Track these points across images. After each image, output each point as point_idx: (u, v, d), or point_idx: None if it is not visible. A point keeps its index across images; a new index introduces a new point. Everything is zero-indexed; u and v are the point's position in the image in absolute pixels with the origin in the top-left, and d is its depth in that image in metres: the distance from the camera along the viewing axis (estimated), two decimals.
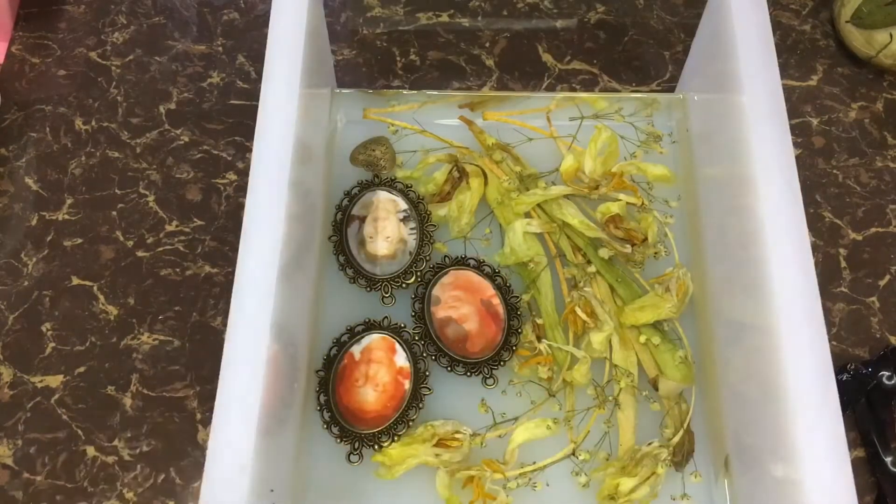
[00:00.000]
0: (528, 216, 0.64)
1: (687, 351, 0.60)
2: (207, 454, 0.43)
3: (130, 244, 0.67)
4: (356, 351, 0.59)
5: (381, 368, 0.59)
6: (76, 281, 0.65)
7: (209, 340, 0.63)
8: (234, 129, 0.72)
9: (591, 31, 0.77)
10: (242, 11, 0.77)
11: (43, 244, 0.67)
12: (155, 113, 0.72)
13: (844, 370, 0.62)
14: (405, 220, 0.64)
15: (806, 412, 0.44)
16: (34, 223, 0.67)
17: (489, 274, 0.62)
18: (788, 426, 0.45)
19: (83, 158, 0.70)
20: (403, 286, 0.62)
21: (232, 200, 0.69)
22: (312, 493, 0.56)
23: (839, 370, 0.62)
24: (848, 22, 0.73)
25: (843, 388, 0.57)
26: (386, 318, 0.61)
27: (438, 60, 0.75)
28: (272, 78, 0.52)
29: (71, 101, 0.73)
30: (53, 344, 0.63)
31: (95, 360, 0.63)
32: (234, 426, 0.44)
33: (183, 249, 0.67)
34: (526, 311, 0.62)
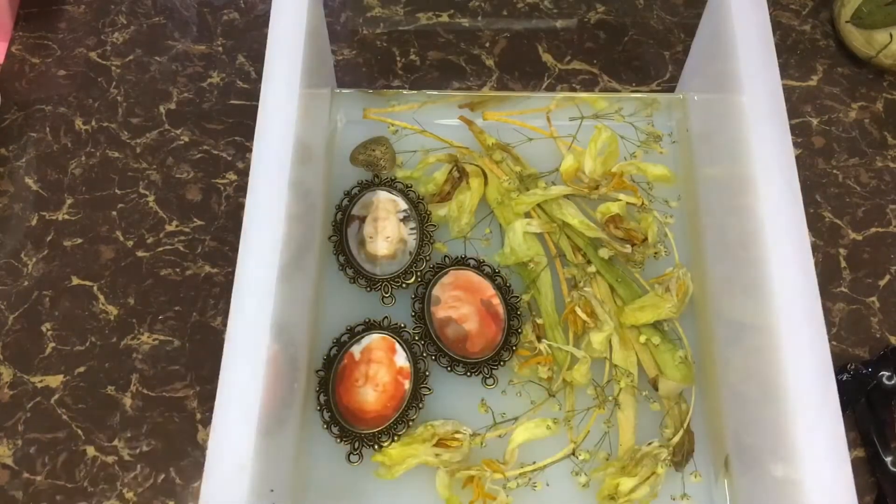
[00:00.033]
0: (528, 216, 0.64)
1: (687, 351, 0.60)
2: (207, 454, 0.43)
3: (130, 244, 0.67)
4: (356, 351, 0.59)
5: (381, 368, 0.59)
6: (76, 281, 0.65)
7: (209, 340, 0.63)
8: (234, 129, 0.72)
9: (591, 31, 0.77)
10: (242, 11, 0.77)
11: (43, 244, 0.67)
12: (155, 113, 0.72)
13: (844, 370, 0.62)
14: (405, 220, 0.64)
15: (806, 412, 0.44)
16: (34, 223, 0.67)
17: (489, 274, 0.62)
18: (788, 426, 0.45)
19: (83, 158, 0.70)
20: (403, 286, 0.62)
21: (232, 200, 0.69)
22: (312, 493, 0.56)
23: (839, 370, 0.62)
24: (848, 22, 0.73)
25: (843, 388, 0.57)
26: (386, 318, 0.61)
27: (438, 60, 0.75)
28: (272, 78, 0.52)
29: (71, 101, 0.73)
30: (53, 344, 0.63)
31: (95, 360, 0.63)
32: (234, 426, 0.44)
33: (183, 249, 0.67)
34: (526, 311, 0.62)
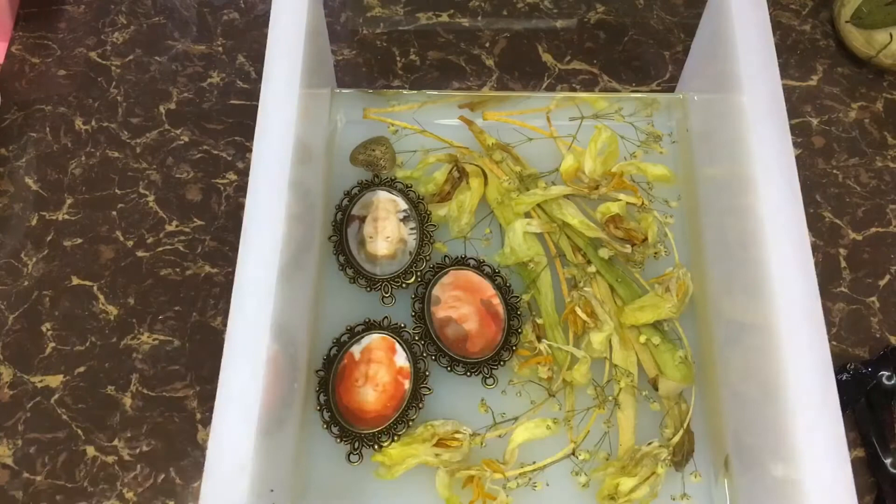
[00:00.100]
0: (528, 216, 0.64)
1: (687, 351, 0.60)
2: (207, 454, 0.43)
3: (130, 244, 0.67)
4: (356, 351, 0.59)
5: (381, 368, 0.59)
6: (76, 281, 0.65)
7: (209, 340, 0.63)
8: (234, 129, 0.72)
9: (591, 31, 0.77)
10: (242, 11, 0.77)
11: (43, 244, 0.67)
12: (155, 113, 0.72)
13: (844, 370, 0.62)
14: (405, 220, 0.64)
15: (806, 412, 0.44)
16: (34, 223, 0.67)
17: (489, 274, 0.62)
18: (788, 426, 0.45)
19: (83, 158, 0.70)
20: (403, 286, 0.62)
21: (232, 200, 0.69)
22: (312, 493, 0.56)
23: (839, 370, 0.62)
24: (848, 22, 0.73)
25: (843, 388, 0.57)
26: (386, 318, 0.61)
27: (438, 60, 0.75)
28: (272, 78, 0.52)
29: (71, 101, 0.73)
30: (53, 344, 0.63)
31: (95, 360, 0.63)
32: (234, 426, 0.44)
33: (183, 249, 0.67)
34: (526, 311, 0.62)
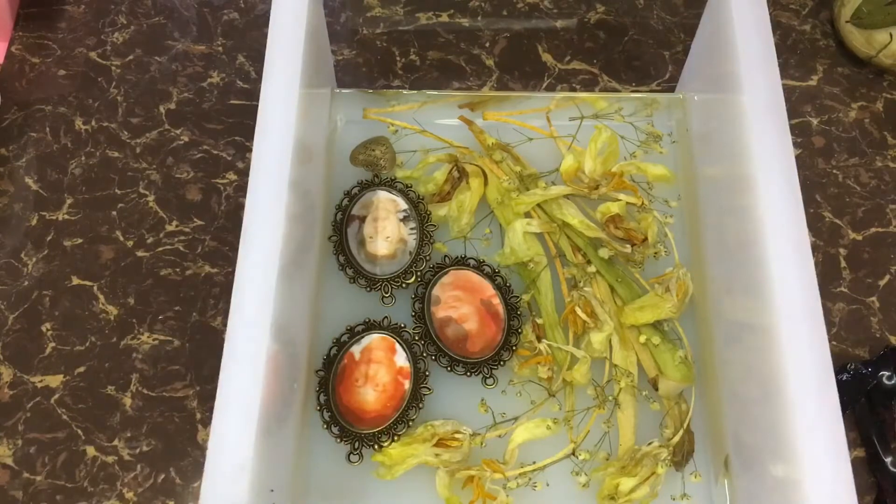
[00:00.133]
0: (528, 216, 0.64)
1: (687, 351, 0.60)
2: (207, 454, 0.43)
3: (130, 244, 0.67)
4: (356, 351, 0.59)
5: (381, 368, 0.59)
6: (76, 281, 0.65)
7: (209, 340, 0.63)
8: (234, 129, 0.72)
9: (591, 31, 0.77)
10: (242, 11, 0.77)
11: (43, 244, 0.67)
12: (155, 113, 0.72)
13: (844, 370, 0.62)
14: (405, 220, 0.64)
15: (806, 412, 0.44)
16: (34, 223, 0.67)
17: (489, 274, 0.62)
18: (788, 426, 0.45)
19: (83, 158, 0.70)
20: (403, 286, 0.62)
21: (232, 200, 0.69)
22: (312, 493, 0.56)
23: (839, 370, 0.62)
24: (848, 22, 0.73)
25: (843, 388, 0.57)
26: (386, 318, 0.61)
27: (438, 60, 0.75)
28: (272, 78, 0.52)
29: (71, 101, 0.73)
30: (53, 344, 0.63)
31: (95, 360, 0.63)
32: (234, 426, 0.44)
33: (183, 249, 0.67)
34: (526, 311, 0.62)
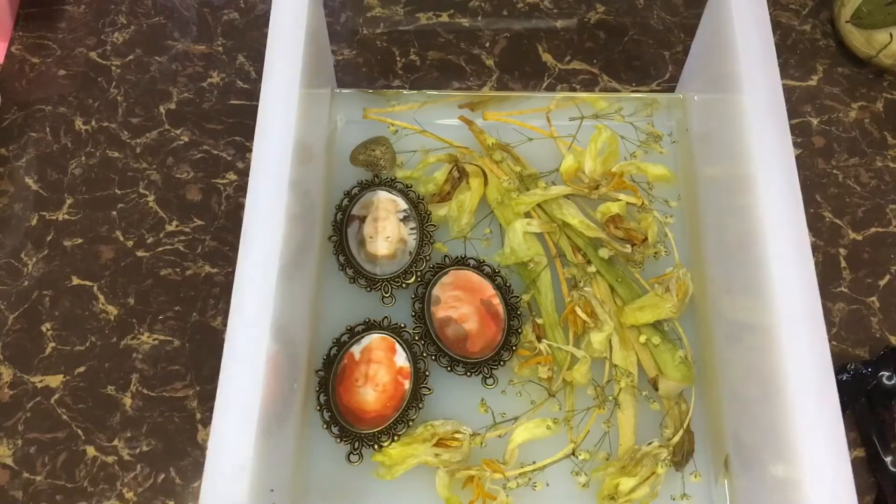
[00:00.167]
0: (528, 216, 0.64)
1: (687, 351, 0.60)
2: (207, 454, 0.43)
3: (130, 244, 0.67)
4: (356, 351, 0.59)
5: (381, 368, 0.59)
6: (76, 281, 0.65)
7: (209, 340, 0.63)
8: (234, 129, 0.72)
9: (591, 31, 0.77)
10: (242, 11, 0.77)
11: (43, 244, 0.67)
12: (155, 113, 0.72)
13: (844, 370, 0.62)
14: (405, 220, 0.64)
15: (806, 412, 0.44)
16: (34, 223, 0.67)
17: (489, 274, 0.62)
18: (788, 426, 0.45)
19: (83, 158, 0.70)
20: (403, 286, 0.62)
21: (232, 200, 0.69)
22: (312, 493, 0.56)
23: (839, 370, 0.62)
24: (848, 22, 0.73)
25: (843, 388, 0.57)
26: (386, 318, 0.61)
27: (438, 60, 0.75)
28: (272, 78, 0.52)
29: (71, 101, 0.73)
30: (53, 344, 0.63)
31: (95, 360, 0.63)
32: (234, 426, 0.44)
33: (183, 249, 0.67)
34: (526, 311, 0.62)
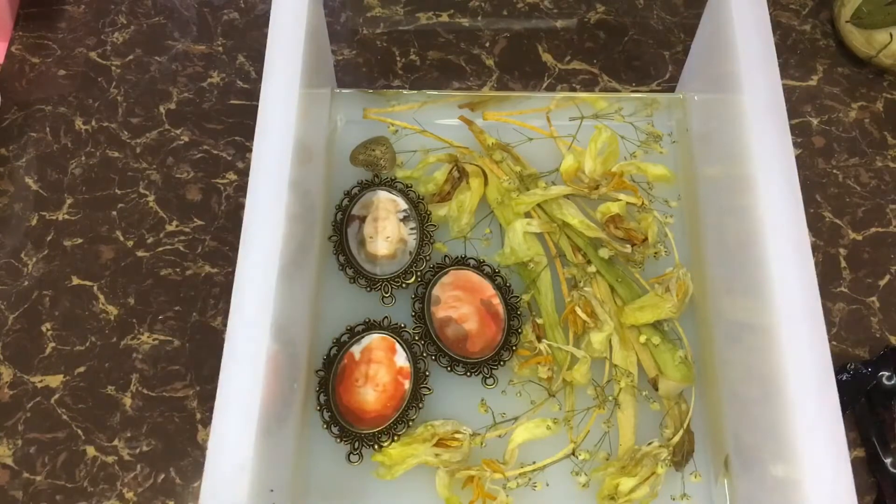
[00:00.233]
0: (528, 216, 0.64)
1: (687, 351, 0.60)
2: (207, 454, 0.43)
3: (130, 244, 0.67)
4: (356, 351, 0.59)
5: (381, 368, 0.59)
6: (76, 281, 0.65)
7: (209, 340, 0.63)
8: (234, 129, 0.72)
9: (591, 31, 0.77)
10: (242, 11, 0.77)
11: (43, 244, 0.67)
12: (155, 113, 0.72)
13: (844, 370, 0.62)
14: (405, 220, 0.64)
15: (806, 412, 0.44)
16: (34, 223, 0.67)
17: (489, 274, 0.62)
18: (788, 426, 0.45)
19: (83, 158, 0.70)
20: (403, 286, 0.62)
21: (232, 200, 0.69)
22: (312, 493, 0.56)
23: (839, 370, 0.62)
24: (848, 22, 0.73)
25: (843, 388, 0.57)
26: (386, 318, 0.61)
27: (438, 60, 0.75)
28: (272, 78, 0.52)
29: (71, 101, 0.73)
30: (53, 344, 0.63)
31: (95, 360, 0.63)
32: (234, 426, 0.44)
33: (183, 249, 0.67)
34: (526, 311, 0.62)
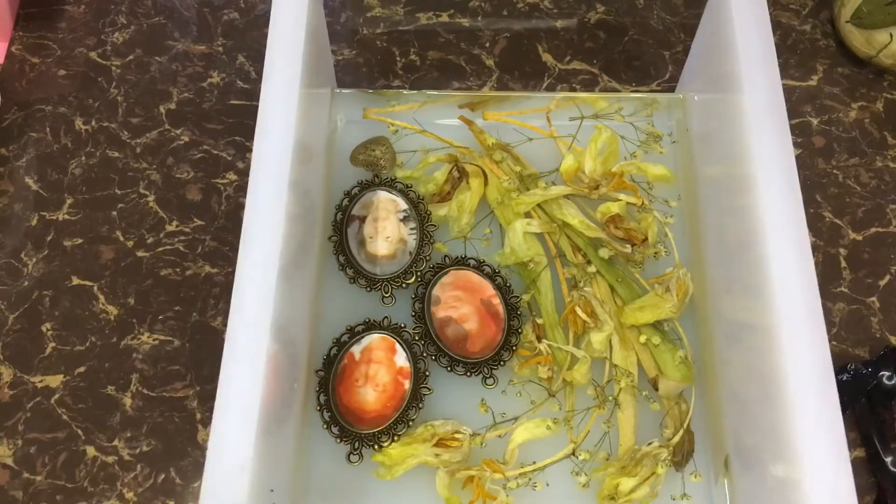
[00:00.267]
0: (528, 216, 0.64)
1: (687, 351, 0.60)
2: (207, 454, 0.43)
3: (130, 244, 0.67)
4: (356, 351, 0.59)
5: (381, 368, 0.59)
6: (76, 281, 0.65)
7: (209, 340, 0.63)
8: (234, 129, 0.72)
9: (591, 31, 0.77)
10: (242, 11, 0.77)
11: (43, 244, 0.67)
12: (155, 113, 0.72)
13: (844, 370, 0.62)
14: (405, 220, 0.64)
15: (806, 412, 0.44)
16: (34, 223, 0.67)
17: (489, 274, 0.62)
18: (788, 426, 0.45)
19: (83, 158, 0.70)
20: (403, 286, 0.62)
21: (232, 200, 0.69)
22: (312, 493, 0.56)
23: (839, 370, 0.62)
24: (848, 22, 0.73)
25: (843, 388, 0.57)
26: (386, 318, 0.61)
27: (438, 60, 0.75)
28: (272, 78, 0.52)
29: (71, 101, 0.73)
30: (53, 344, 0.63)
31: (95, 360, 0.63)
32: (234, 426, 0.44)
33: (183, 249, 0.67)
34: (526, 311, 0.62)
